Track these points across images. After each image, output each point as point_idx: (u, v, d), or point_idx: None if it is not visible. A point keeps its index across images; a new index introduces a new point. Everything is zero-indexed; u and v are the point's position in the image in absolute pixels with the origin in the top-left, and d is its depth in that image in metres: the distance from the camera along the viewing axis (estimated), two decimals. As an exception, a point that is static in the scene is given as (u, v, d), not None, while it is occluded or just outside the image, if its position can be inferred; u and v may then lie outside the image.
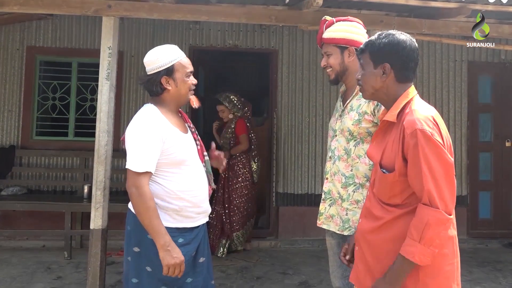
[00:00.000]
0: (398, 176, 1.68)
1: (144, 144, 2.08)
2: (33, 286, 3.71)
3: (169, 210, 2.17)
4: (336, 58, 2.34)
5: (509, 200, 5.73)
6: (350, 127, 2.28)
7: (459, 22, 2.96)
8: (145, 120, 2.14)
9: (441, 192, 1.61)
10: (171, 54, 2.18)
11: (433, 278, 1.66)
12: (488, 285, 4.01)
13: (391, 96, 1.81)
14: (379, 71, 1.79)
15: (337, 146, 2.35)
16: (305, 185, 5.37)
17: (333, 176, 2.36)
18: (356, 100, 2.30)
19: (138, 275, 2.19)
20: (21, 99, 5.15)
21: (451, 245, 1.72)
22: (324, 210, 2.40)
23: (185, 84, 2.21)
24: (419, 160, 1.62)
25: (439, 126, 1.68)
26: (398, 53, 1.76)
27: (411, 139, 1.64)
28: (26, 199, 4.68)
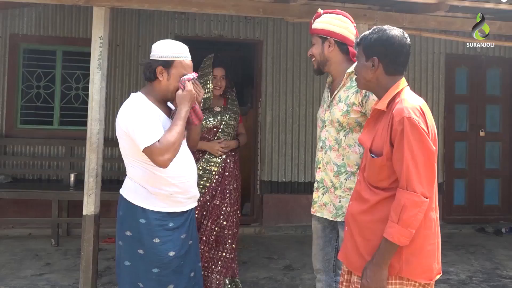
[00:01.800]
0: (386, 160, 1.81)
1: (145, 121, 2.15)
2: (23, 272, 3.76)
3: (159, 196, 2.26)
4: (317, 48, 2.45)
5: (482, 188, 6.01)
6: (340, 118, 2.39)
7: (438, 17, 3.11)
8: (135, 104, 2.22)
9: (420, 176, 1.74)
10: (177, 50, 2.26)
11: (415, 257, 1.79)
12: (461, 266, 4.25)
13: (381, 87, 1.93)
14: (369, 63, 1.91)
15: (328, 137, 2.47)
16: (289, 173, 5.52)
17: (326, 166, 2.47)
18: (343, 92, 2.41)
19: (130, 258, 2.29)
20: (5, 88, 5.12)
21: (432, 227, 1.84)
22: (317, 199, 2.51)
23: (176, 83, 2.27)
24: (403, 145, 1.75)
25: (426, 115, 1.81)
26: (386, 48, 1.88)
27: (399, 126, 1.76)
28: (12, 187, 4.68)
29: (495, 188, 6.04)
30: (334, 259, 2.66)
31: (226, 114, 3.32)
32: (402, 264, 1.79)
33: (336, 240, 2.60)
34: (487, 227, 5.70)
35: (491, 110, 6.04)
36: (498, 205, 6.03)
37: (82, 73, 5.25)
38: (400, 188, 1.76)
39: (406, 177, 1.74)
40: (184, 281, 2.34)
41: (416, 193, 1.73)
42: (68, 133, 5.17)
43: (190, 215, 2.42)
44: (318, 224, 2.61)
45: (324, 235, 2.61)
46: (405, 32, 1.93)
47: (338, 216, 2.42)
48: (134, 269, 2.28)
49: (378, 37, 1.90)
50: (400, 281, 1.81)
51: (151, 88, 2.31)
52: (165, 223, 2.26)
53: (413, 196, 1.72)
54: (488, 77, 6.03)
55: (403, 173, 1.75)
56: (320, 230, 2.61)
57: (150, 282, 2.26)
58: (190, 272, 2.40)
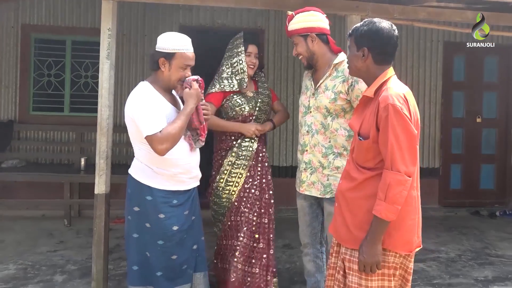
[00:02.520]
0: (372, 143, 2.00)
1: (150, 111, 2.36)
2: (39, 249, 4.03)
3: (164, 176, 2.49)
4: (302, 46, 2.67)
5: (478, 172, 6.18)
6: (327, 105, 2.61)
7: (427, 8, 3.27)
8: (142, 94, 2.43)
9: (403, 157, 1.92)
10: (179, 42, 2.46)
11: (396, 231, 1.99)
12: (452, 246, 4.46)
13: (370, 75, 2.11)
14: (360, 53, 2.09)
15: (313, 121, 2.69)
16: (290, 158, 5.73)
17: (313, 148, 2.70)
18: (330, 81, 2.63)
19: (138, 231, 2.54)
20: (17, 76, 5.35)
21: (413, 204, 2.04)
22: (306, 178, 2.74)
23: (177, 73, 2.48)
24: (387, 129, 1.93)
25: (409, 102, 1.99)
26: (375, 39, 2.05)
27: (384, 112, 1.95)
28: (26, 171, 4.94)
29: (490, 173, 6.20)
30: (320, 232, 2.91)
31: (258, 99, 3.09)
32: (385, 237, 1.98)
33: (322, 215, 2.84)
34: (482, 211, 5.87)
35: (488, 97, 6.18)
36: (493, 190, 6.20)
37: (90, 62, 5.47)
38: (385, 168, 1.94)
39: (390, 159, 1.93)
40: (186, 252, 2.58)
41: (400, 173, 1.91)
42: (78, 120, 5.41)
43: (192, 193, 2.64)
44: (304, 202, 2.84)
45: (311, 212, 2.84)
46: (393, 24, 2.09)
47: (326, 193, 2.65)
48: (142, 241, 2.53)
49: (368, 29, 2.07)
50: (383, 252, 1.99)
51: (156, 77, 2.52)
52: (169, 200, 2.49)
53: (397, 176, 1.91)
54: (486, 64, 6.15)
55: (388, 155, 1.93)
56: (307, 207, 2.84)
57: (155, 253, 2.50)
58: (193, 245, 2.64)
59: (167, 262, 2.51)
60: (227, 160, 3.00)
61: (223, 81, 3.00)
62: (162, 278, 2.51)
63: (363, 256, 1.97)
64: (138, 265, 2.54)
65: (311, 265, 2.94)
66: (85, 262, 3.68)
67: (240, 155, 3.00)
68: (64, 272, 3.47)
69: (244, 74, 2.99)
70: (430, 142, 6.02)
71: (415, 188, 2.05)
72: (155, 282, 2.52)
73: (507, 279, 3.61)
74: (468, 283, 3.51)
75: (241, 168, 2.99)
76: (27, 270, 3.49)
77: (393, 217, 1.93)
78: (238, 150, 3.01)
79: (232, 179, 2.98)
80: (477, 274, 3.71)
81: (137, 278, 2.55)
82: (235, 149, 3.01)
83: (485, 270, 3.80)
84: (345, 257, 2.11)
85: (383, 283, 2.02)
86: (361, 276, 2.02)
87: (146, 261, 2.53)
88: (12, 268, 3.53)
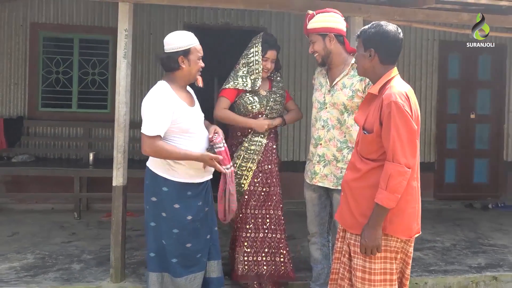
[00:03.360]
0: (375, 136, 2.19)
1: (155, 113, 2.54)
2: (53, 240, 4.19)
3: (179, 169, 2.66)
4: (320, 45, 2.85)
5: (471, 167, 6.40)
6: (345, 102, 2.80)
7: (425, 10, 3.46)
8: (158, 94, 2.61)
9: (404, 150, 2.11)
10: (190, 38, 2.66)
11: (397, 217, 2.18)
12: (447, 236, 4.68)
13: (376, 74, 2.30)
14: (367, 54, 2.27)
15: (330, 117, 2.87)
16: (290, 153, 5.92)
17: (328, 142, 2.88)
18: (347, 79, 2.82)
19: (155, 219, 2.72)
20: (26, 73, 5.49)
21: (414, 194, 2.23)
22: (319, 171, 2.92)
23: (196, 65, 2.68)
24: (390, 124, 2.12)
25: (410, 100, 2.18)
26: (382, 41, 2.23)
27: (387, 108, 2.14)
28: (36, 165, 5.09)
29: (483, 167, 6.43)
30: (328, 222, 3.10)
31: (271, 98, 3.22)
32: (387, 223, 2.17)
33: (330, 206, 3.03)
34: (475, 203, 6.10)
35: (482, 94, 6.39)
36: (486, 183, 6.42)
37: (97, 60, 5.62)
38: (387, 160, 2.13)
39: (392, 151, 2.11)
40: (201, 242, 2.76)
41: (400, 164, 2.09)
42: (86, 116, 5.56)
43: (206, 185, 2.82)
44: (314, 193, 3.03)
45: (320, 203, 3.04)
46: (398, 27, 2.27)
47: (339, 185, 2.83)
48: (158, 229, 2.71)
49: (376, 31, 2.26)
50: (385, 237, 2.19)
51: (174, 77, 2.68)
52: (184, 191, 2.67)
53: (398, 167, 2.09)
54: (480, 63, 6.37)
55: (390, 147, 2.12)
56: (316, 198, 3.03)
57: (170, 241, 2.68)
58: (207, 235, 2.81)
59: (182, 250, 2.68)
60: (237, 154, 3.18)
61: (238, 79, 3.17)
62: (177, 265, 2.69)
63: (365, 240, 2.15)
64: (155, 252, 2.72)
65: (318, 253, 3.14)
66: (99, 252, 3.85)
67: (249, 149, 3.17)
68: (80, 261, 3.64)
69: (259, 75, 3.14)
70: (425, 137, 6.23)
71: (416, 179, 2.24)
72: (171, 268, 2.70)
73: (499, 266, 3.83)
74: (462, 270, 3.72)
75: (250, 162, 3.16)
76: (45, 259, 3.66)
77: (393, 205, 2.11)
78: (248, 145, 3.18)
79: (241, 172, 3.15)
80: (471, 261, 3.93)
81: (155, 264, 2.73)
82: (245, 144, 3.19)
83: (478, 258, 4.01)
84: (350, 242, 2.30)
85: (386, 266, 2.22)
86: (365, 259, 2.21)
87: (162, 249, 2.70)
88: (31, 257, 3.70)
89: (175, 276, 2.67)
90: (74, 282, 3.23)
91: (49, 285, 3.16)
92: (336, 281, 2.43)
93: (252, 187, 3.17)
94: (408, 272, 2.33)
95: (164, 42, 2.66)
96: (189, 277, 2.68)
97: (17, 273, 3.36)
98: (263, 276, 3.14)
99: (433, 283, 3.53)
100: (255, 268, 3.15)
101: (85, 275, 3.35)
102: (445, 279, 3.56)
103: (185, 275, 2.67)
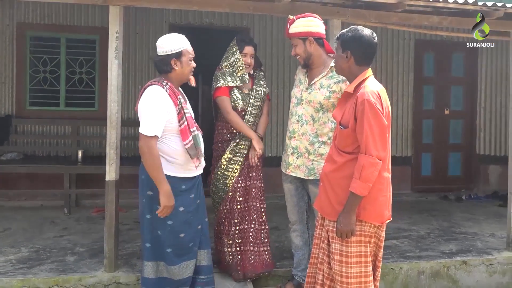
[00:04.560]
0: (351, 131, 2.42)
1: (153, 115, 2.70)
2: (45, 234, 4.32)
3: (174, 164, 2.84)
4: (300, 48, 3.06)
5: (446, 160, 6.73)
6: (321, 101, 3.02)
7: (398, 13, 3.69)
8: (154, 95, 2.76)
9: (375, 144, 2.34)
10: (181, 41, 2.83)
11: (370, 205, 2.41)
12: (422, 226, 4.96)
13: (352, 74, 2.52)
14: (344, 55, 2.49)
15: (304, 113, 3.09)
16: (274, 149, 6.14)
17: (301, 136, 3.10)
18: (326, 80, 3.04)
19: (150, 212, 2.88)
20: (14, 72, 5.56)
21: (385, 183, 2.46)
22: (292, 161, 3.15)
23: (188, 67, 2.87)
24: (363, 120, 2.35)
25: (381, 98, 2.40)
26: (358, 44, 2.45)
27: (360, 106, 2.36)
28: (24, 163, 5.20)
29: (457, 160, 6.76)
30: (306, 211, 3.33)
31: (251, 96, 3.40)
32: (361, 210, 2.41)
33: (308, 196, 3.26)
34: (450, 195, 6.41)
35: (455, 91, 6.71)
36: (460, 176, 6.76)
37: (84, 59, 5.73)
38: (360, 153, 2.36)
39: (365, 144, 2.34)
40: (192, 231, 2.94)
41: (372, 156, 2.32)
42: (74, 114, 5.68)
43: (198, 179, 3.00)
44: (291, 185, 3.27)
45: (297, 193, 3.28)
46: (374, 32, 2.49)
47: (310, 176, 3.08)
48: (153, 221, 2.88)
49: (352, 35, 2.48)
50: (359, 222, 2.43)
51: (168, 78, 2.85)
52: (177, 185, 2.84)
53: (370, 159, 2.32)
54: (453, 60, 6.68)
55: (363, 141, 2.35)
56: (293, 189, 3.27)
57: (165, 231, 2.86)
58: (198, 225, 3.00)
59: (175, 239, 2.86)
60: (225, 157, 3.38)
61: (227, 78, 3.36)
62: (171, 254, 2.87)
63: (340, 225, 2.38)
64: (151, 243, 2.90)
65: (298, 240, 3.36)
66: (92, 245, 4.00)
67: (237, 152, 3.38)
68: (74, 254, 3.79)
69: (244, 70, 3.35)
70: (403, 133, 6.52)
71: (387, 170, 2.48)
72: (166, 257, 2.88)
73: (468, 251, 4.11)
74: (435, 255, 3.99)
75: (237, 164, 3.38)
76: (39, 253, 3.79)
77: (366, 193, 2.34)
78: (235, 148, 3.38)
79: (228, 173, 3.37)
80: (443, 248, 4.20)
81: (150, 254, 2.91)
82: (232, 147, 3.37)
83: (450, 245, 4.29)
84: (328, 228, 2.53)
85: (361, 249, 2.45)
86: (342, 243, 2.45)
87: (157, 239, 2.88)
88: (25, 251, 3.82)
89: (170, 265, 2.86)
90: (69, 272, 3.38)
91: (45, 275, 3.30)
92: (316, 265, 2.66)
93: (236, 184, 3.37)
94: (381, 255, 2.56)
95: (156, 45, 2.83)
96: (182, 265, 2.87)
97: (13, 265, 3.50)
98: (246, 266, 3.35)
99: (407, 268, 3.79)
100: (238, 258, 3.36)
101: (79, 266, 3.50)
102: (419, 264, 3.82)
103: (179, 263, 2.86)
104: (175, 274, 2.86)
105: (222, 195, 3.38)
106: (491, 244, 4.32)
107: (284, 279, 3.53)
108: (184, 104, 2.85)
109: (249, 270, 3.34)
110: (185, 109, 2.82)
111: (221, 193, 3.39)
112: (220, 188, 3.39)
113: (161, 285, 2.88)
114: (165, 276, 2.88)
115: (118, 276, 3.36)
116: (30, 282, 3.23)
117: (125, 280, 3.35)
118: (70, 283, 3.28)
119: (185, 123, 2.79)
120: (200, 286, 3.00)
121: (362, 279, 2.46)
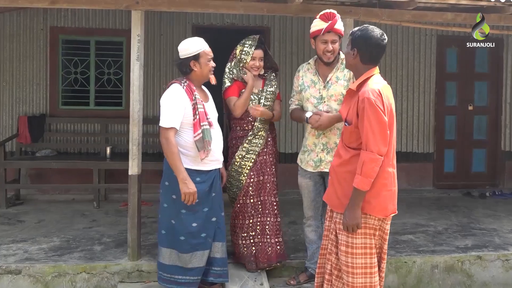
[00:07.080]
0: (354, 128, 2.52)
1: (169, 109, 2.94)
2: (76, 225, 4.61)
3: (189, 156, 3.04)
4: (338, 45, 3.18)
5: (470, 156, 6.66)
6: (343, 92, 3.13)
7: (411, 11, 3.74)
8: (171, 92, 3.01)
9: (376, 140, 2.41)
10: (199, 44, 3.05)
11: (374, 199, 2.50)
12: (440, 221, 4.96)
13: (358, 71, 2.61)
14: (352, 52, 2.59)
15: (328, 109, 3.20)
16: (294, 145, 6.26)
17: (329, 132, 3.22)
18: (340, 72, 3.19)
19: (167, 201, 3.11)
20: (47, 74, 5.91)
21: (389, 178, 2.54)
22: (324, 158, 3.26)
23: (207, 67, 3.07)
24: (364, 118, 2.44)
25: (382, 96, 2.47)
26: (365, 44, 2.52)
27: (362, 103, 2.46)
28: (57, 159, 5.53)
29: (482, 157, 6.68)
30: (323, 206, 3.43)
31: (262, 97, 3.52)
32: (365, 204, 2.49)
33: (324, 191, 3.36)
34: (473, 192, 6.32)
35: (479, 86, 6.63)
36: (484, 172, 6.68)
37: (112, 60, 6.02)
38: (362, 149, 2.45)
39: (365, 141, 2.43)
40: (206, 222, 3.13)
41: (372, 152, 2.41)
42: (102, 113, 5.98)
43: (214, 173, 3.17)
44: (310, 181, 3.37)
45: (315, 189, 3.37)
46: (384, 33, 2.53)
47: None
48: (169, 210, 3.10)
49: (361, 34, 2.56)
50: (364, 215, 2.52)
51: (189, 78, 3.08)
52: (192, 177, 3.02)
53: (370, 155, 2.41)
54: (476, 56, 6.59)
55: (364, 138, 2.44)
56: (312, 185, 3.37)
57: (179, 220, 3.07)
58: (212, 217, 3.18)
59: (188, 228, 3.06)
60: (238, 153, 3.52)
61: (227, 75, 3.53)
62: (184, 242, 3.07)
63: (346, 219, 2.49)
64: (166, 230, 3.13)
65: (313, 234, 3.48)
66: (118, 236, 4.25)
67: (250, 150, 3.51)
68: (101, 243, 4.05)
69: (246, 63, 3.44)
70: (425, 129, 6.50)
71: (391, 165, 2.54)
72: (179, 245, 3.08)
73: (484, 246, 4.12)
74: (449, 250, 4.02)
75: (250, 161, 3.52)
76: (69, 242, 4.07)
77: (367, 188, 2.42)
78: (248, 146, 3.51)
79: (241, 170, 3.52)
80: (459, 243, 4.22)
81: (165, 240, 3.14)
82: (245, 145, 3.50)
83: (467, 240, 4.31)
84: (336, 220, 2.63)
85: (365, 241, 2.54)
86: (348, 235, 2.55)
87: (172, 227, 3.09)
88: (57, 240, 4.11)
89: (182, 252, 3.06)
90: (96, 260, 3.63)
91: (74, 262, 3.57)
92: (325, 256, 2.78)
93: (249, 179, 3.51)
94: (386, 247, 2.65)
95: (178, 49, 3.07)
96: (194, 253, 3.07)
97: (45, 253, 3.78)
98: (261, 256, 3.50)
99: (421, 261, 3.84)
100: (252, 249, 3.52)
101: (105, 255, 3.75)
102: (432, 258, 3.87)
103: (191, 252, 3.06)
104: (186, 262, 3.06)
105: (236, 192, 3.53)
106: (509, 240, 4.30)
107: (298, 271, 3.67)
108: (198, 100, 3.03)
109: (263, 261, 3.49)
110: (198, 104, 3.00)
111: (235, 189, 3.53)
112: (234, 185, 3.53)
113: (173, 272, 3.09)
114: (177, 264, 3.08)
115: (141, 264, 3.58)
116: (61, 268, 3.49)
117: (147, 268, 3.56)
118: (97, 270, 3.52)
119: (197, 117, 2.98)
120: (213, 277, 3.18)
121: (367, 270, 2.55)
